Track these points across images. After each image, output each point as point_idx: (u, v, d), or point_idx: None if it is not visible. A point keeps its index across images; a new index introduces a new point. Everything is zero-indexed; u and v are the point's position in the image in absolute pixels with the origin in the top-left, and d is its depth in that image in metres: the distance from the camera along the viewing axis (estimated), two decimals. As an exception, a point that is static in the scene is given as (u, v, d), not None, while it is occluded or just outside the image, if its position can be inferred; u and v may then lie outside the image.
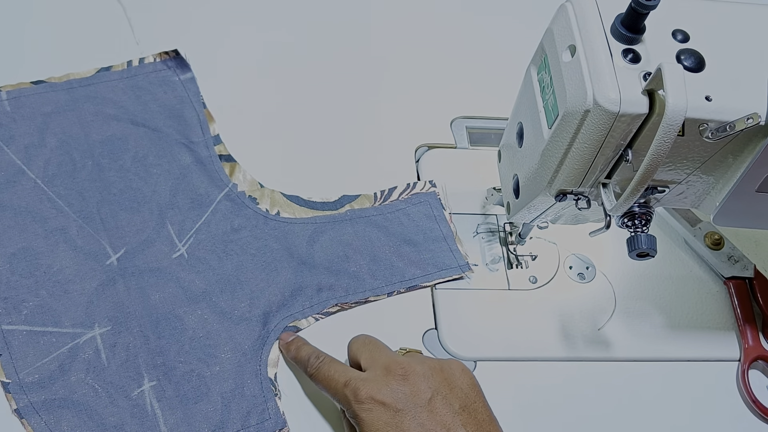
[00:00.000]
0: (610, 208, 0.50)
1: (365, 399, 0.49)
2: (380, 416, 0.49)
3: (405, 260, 0.63)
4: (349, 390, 0.50)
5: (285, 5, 0.79)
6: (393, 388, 0.50)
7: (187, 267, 0.60)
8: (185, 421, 0.54)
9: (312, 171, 0.68)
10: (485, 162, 0.69)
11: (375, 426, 0.49)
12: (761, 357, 0.64)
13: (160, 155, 0.65)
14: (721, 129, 0.45)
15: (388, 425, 0.49)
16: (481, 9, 0.83)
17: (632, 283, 0.67)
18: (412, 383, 0.50)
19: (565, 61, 0.48)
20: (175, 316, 0.58)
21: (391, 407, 0.49)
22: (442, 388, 0.50)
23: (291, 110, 0.72)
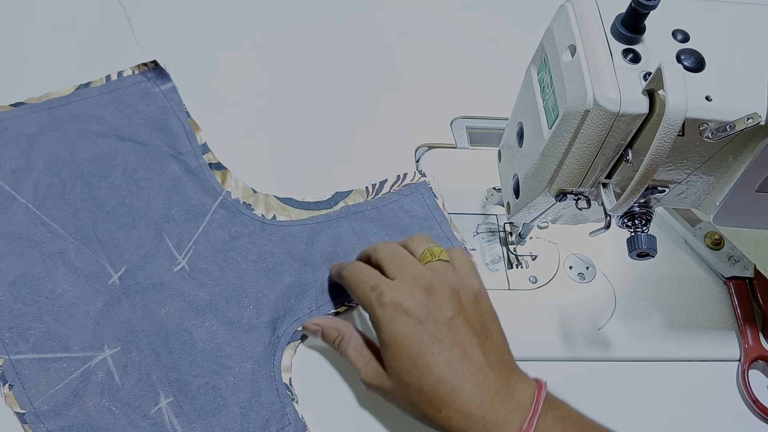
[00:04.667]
0: (610, 208, 0.50)
1: (389, 302, 0.51)
2: (400, 323, 0.50)
3: None
4: (375, 293, 0.52)
5: (285, 5, 0.79)
6: (417, 300, 0.51)
7: (190, 280, 0.60)
8: None
9: (312, 172, 0.68)
10: (485, 162, 0.69)
11: (394, 331, 0.50)
12: (761, 357, 0.64)
13: (149, 168, 0.64)
14: (721, 129, 0.45)
15: (406, 334, 0.50)
16: (481, 9, 0.83)
17: (632, 283, 0.67)
18: (436, 299, 0.51)
19: (565, 61, 0.48)
20: (184, 329, 0.58)
21: (413, 316, 0.50)
22: (463, 309, 0.52)
23: (291, 111, 0.72)
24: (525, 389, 0.51)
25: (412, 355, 0.50)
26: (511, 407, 0.49)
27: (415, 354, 0.50)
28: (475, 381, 0.49)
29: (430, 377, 0.49)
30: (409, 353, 0.50)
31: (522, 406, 0.49)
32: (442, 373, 0.49)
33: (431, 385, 0.49)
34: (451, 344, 0.50)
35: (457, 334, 0.51)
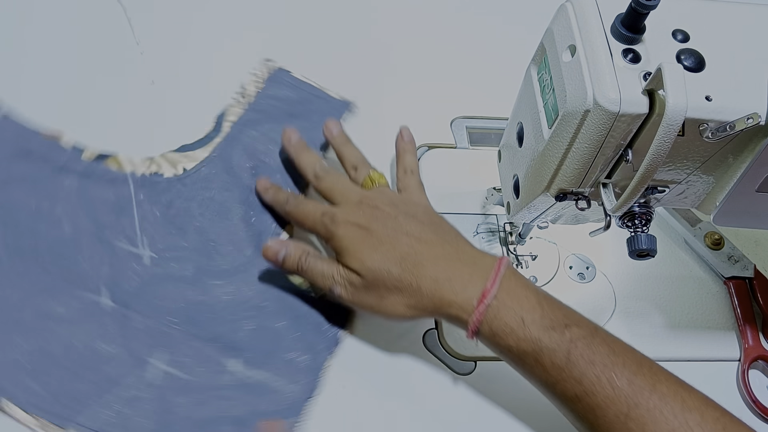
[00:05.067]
0: (610, 208, 0.50)
1: (341, 221, 0.56)
2: (354, 232, 0.56)
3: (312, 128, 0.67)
4: (327, 217, 0.57)
5: (285, 6, 0.79)
6: (365, 213, 0.57)
7: (165, 262, 0.61)
8: (286, 374, 0.57)
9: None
10: (485, 162, 0.69)
11: (349, 236, 0.56)
12: (761, 357, 0.64)
13: (49, 196, 0.61)
14: (721, 129, 0.45)
15: (362, 237, 0.55)
16: (481, 9, 0.83)
17: (632, 283, 0.67)
18: (382, 210, 0.57)
19: (565, 61, 0.48)
20: (196, 302, 0.59)
21: (363, 226, 0.56)
22: (410, 211, 0.57)
23: (291, 110, 0.72)
24: (486, 258, 0.55)
25: (371, 247, 0.55)
26: (474, 270, 0.54)
27: (375, 245, 0.55)
28: (435, 253, 0.55)
29: (393, 258, 0.54)
30: (369, 245, 0.55)
31: (485, 269, 0.54)
32: (403, 252, 0.54)
33: (396, 263, 0.54)
34: (403, 234, 0.55)
35: (407, 227, 0.56)
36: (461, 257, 0.55)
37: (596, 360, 0.51)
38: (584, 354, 0.51)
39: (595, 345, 0.51)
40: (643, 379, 0.50)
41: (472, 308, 0.53)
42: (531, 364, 0.52)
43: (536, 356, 0.52)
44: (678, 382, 0.51)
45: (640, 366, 0.51)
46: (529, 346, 0.52)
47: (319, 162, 0.62)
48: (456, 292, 0.53)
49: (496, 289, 0.52)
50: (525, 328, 0.52)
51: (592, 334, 0.52)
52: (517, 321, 0.52)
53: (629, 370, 0.51)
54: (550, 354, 0.51)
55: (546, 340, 0.51)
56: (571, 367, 0.51)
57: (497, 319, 0.52)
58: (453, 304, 0.53)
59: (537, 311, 0.52)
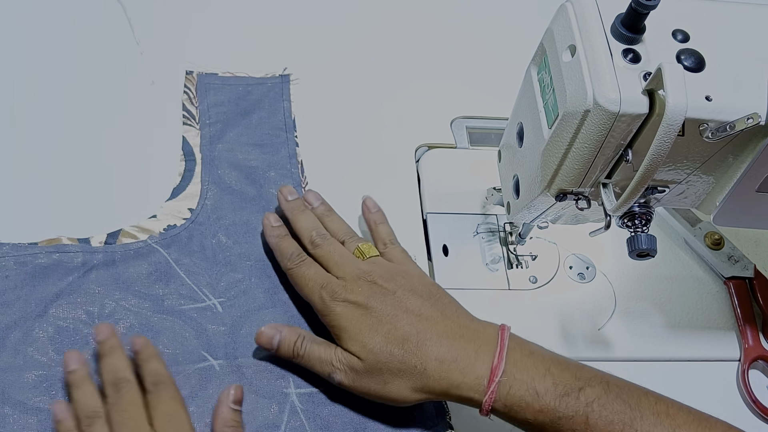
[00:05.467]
0: (610, 208, 0.50)
1: (340, 298, 0.55)
2: (353, 311, 0.54)
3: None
4: (326, 291, 0.55)
5: (285, 5, 0.79)
6: (363, 290, 0.55)
7: (234, 301, 0.60)
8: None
9: (312, 173, 0.68)
10: (485, 162, 0.69)
11: (347, 317, 0.54)
12: (761, 357, 0.64)
13: (90, 302, 0.58)
14: (721, 129, 0.45)
15: (359, 317, 0.54)
16: (481, 9, 0.83)
17: (632, 283, 0.67)
18: (380, 286, 0.55)
19: (565, 61, 0.48)
20: (285, 320, 0.60)
21: (362, 305, 0.54)
22: (407, 285, 0.56)
23: (291, 109, 0.72)
24: (488, 330, 0.54)
25: (371, 328, 0.53)
26: (479, 345, 0.53)
27: (375, 326, 0.53)
28: (437, 331, 0.53)
29: (395, 339, 0.53)
30: (369, 326, 0.53)
31: (489, 343, 0.53)
32: (405, 332, 0.53)
33: (399, 345, 0.52)
34: (404, 311, 0.54)
35: (407, 303, 0.54)
36: (464, 333, 0.53)
37: (615, 419, 0.50)
38: (602, 415, 0.50)
39: (610, 403, 0.50)
40: (663, 429, 0.50)
41: (483, 388, 0.51)
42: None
43: (555, 426, 0.50)
44: (698, 420, 0.51)
45: (657, 415, 0.51)
46: (547, 416, 0.50)
47: (317, 227, 0.60)
48: (464, 373, 0.51)
49: (504, 365, 0.51)
50: (539, 399, 0.50)
51: (605, 391, 0.51)
52: (531, 394, 0.51)
53: (648, 422, 0.50)
54: (569, 421, 0.50)
55: (563, 409, 0.50)
56: (592, 430, 0.50)
57: (510, 395, 0.51)
58: (462, 386, 0.51)
59: (548, 379, 0.51)
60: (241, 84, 0.71)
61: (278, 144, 0.69)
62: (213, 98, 0.70)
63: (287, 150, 0.69)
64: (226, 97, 0.70)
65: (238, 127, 0.69)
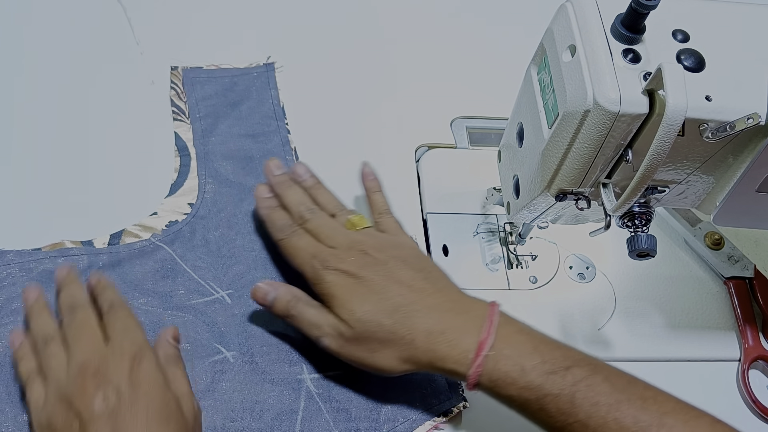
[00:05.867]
0: (610, 208, 0.50)
1: (332, 267, 0.55)
2: (344, 280, 0.54)
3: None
4: (317, 260, 0.55)
5: (285, 6, 0.79)
6: (355, 260, 0.55)
7: (242, 292, 0.61)
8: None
9: (312, 171, 0.68)
10: (485, 162, 0.69)
11: (339, 285, 0.54)
12: (761, 357, 0.64)
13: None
14: (721, 129, 0.45)
15: (351, 286, 0.54)
16: (481, 9, 0.83)
17: (632, 283, 0.67)
18: (371, 256, 0.55)
19: (565, 61, 0.48)
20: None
21: (353, 274, 0.54)
22: (398, 256, 0.56)
23: (292, 111, 0.72)
24: (478, 305, 0.54)
25: (362, 297, 0.53)
26: (468, 319, 0.53)
27: (366, 295, 0.54)
28: (427, 303, 0.53)
29: (385, 309, 0.53)
30: (360, 294, 0.54)
31: (478, 318, 0.53)
32: (395, 303, 0.53)
33: (388, 314, 0.53)
34: (395, 282, 0.54)
35: (398, 274, 0.54)
36: (454, 306, 0.54)
37: (600, 401, 0.49)
38: (588, 396, 0.50)
39: (597, 385, 0.50)
40: (649, 415, 0.49)
41: (470, 361, 0.51)
42: (535, 411, 0.51)
43: (540, 403, 0.50)
44: (685, 410, 0.50)
45: (644, 400, 0.50)
46: (532, 393, 0.50)
47: (306, 201, 0.60)
48: (451, 346, 0.52)
49: (492, 340, 0.51)
50: (526, 375, 0.50)
51: (593, 372, 0.51)
52: (517, 369, 0.51)
53: (634, 407, 0.49)
54: (554, 399, 0.50)
55: (548, 386, 0.50)
56: (577, 410, 0.49)
57: (496, 370, 0.51)
58: (448, 359, 0.52)
59: (536, 357, 0.51)
60: (227, 75, 0.72)
61: (270, 132, 0.69)
62: (201, 92, 0.71)
63: (279, 138, 0.69)
64: (213, 90, 0.71)
65: (228, 119, 0.69)
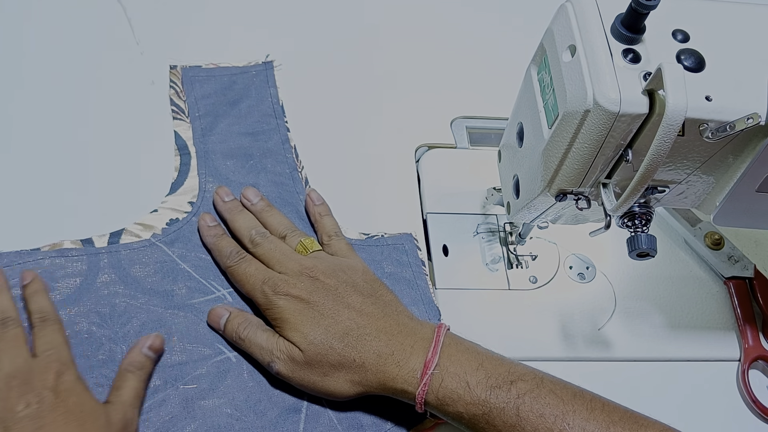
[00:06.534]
0: (610, 208, 0.50)
1: (282, 292, 0.55)
2: (295, 305, 0.55)
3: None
4: (268, 286, 0.56)
5: (285, 6, 0.79)
6: (305, 285, 0.56)
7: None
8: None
9: (312, 173, 0.68)
10: (485, 162, 0.69)
11: (290, 310, 0.55)
12: (761, 357, 0.64)
13: (99, 302, 0.58)
14: (721, 129, 0.45)
15: (301, 311, 0.55)
16: (481, 9, 0.83)
17: (632, 283, 0.67)
18: (321, 281, 0.56)
19: (565, 61, 0.48)
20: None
21: (304, 299, 0.55)
22: (349, 281, 0.57)
23: (291, 111, 0.72)
24: (425, 328, 0.55)
25: (313, 321, 0.54)
26: (416, 340, 0.54)
27: (317, 319, 0.54)
28: (377, 327, 0.54)
29: (336, 333, 0.54)
30: (311, 319, 0.54)
31: (425, 339, 0.54)
32: (346, 327, 0.54)
33: (339, 338, 0.53)
34: (345, 307, 0.55)
35: (348, 299, 0.55)
36: (402, 329, 0.54)
37: (546, 412, 0.50)
38: (533, 408, 0.50)
39: (542, 396, 0.50)
40: (596, 424, 0.50)
41: (417, 380, 0.52)
42: (483, 427, 0.51)
43: (487, 418, 0.51)
44: (633, 418, 0.51)
45: (591, 410, 0.50)
46: (478, 408, 0.51)
47: (256, 226, 0.61)
48: (400, 366, 0.53)
49: (437, 358, 0.52)
50: (471, 391, 0.51)
51: (538, 385, 0.51)
52: (463, 386, 0.51)
53: (581, 417, 0.50)
54: (500, 413, 0.50)
55: (493, 400, 0.51)
56: (523, 423, 0.50)
57: (442, 387, 0.51)
58: (397, 378, 0.52)
59: (480, 373, 0.52)
60: (226, 74, 0.72)
61: (269, 131, 0.69)
62: (200, 90, 0.71)
63: (279, 136, 0.69)
64: (212, 88, 0.71)
65: (228, 118, 0.69)
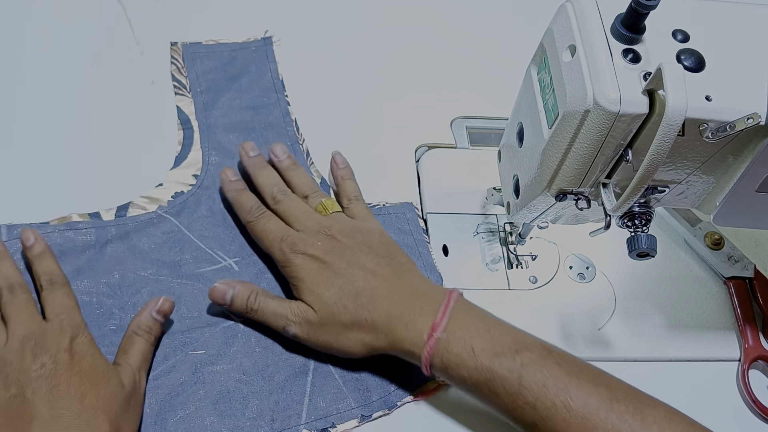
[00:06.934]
0: (610, 208, 0.50)
1: (299, 251, 0.56)
2: (311, 264, 0.56)
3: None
4: (286, 243, 0.57)
5: (285, 6, 0.79)
6: (322, 245, 0.56)
7: (248, 259, 0.62)
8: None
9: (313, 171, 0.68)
10: (485, 162, 0.69)
11: (306, 268, 0.56)
12: (761, 357, 0.64)
13: (109, 272, 0.59)
14: (721, 129, 0.45)
15: (317, 270, 0.55)
16: (481, 9, 0.83)
17: (632, 283, 0.67)
18: (338, 241, 0.57)
19: (565, 61, 0.48)
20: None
21: (320, 258, 0.56)
22: (365, 241, 0.57)
23: (292, 111, 0.72)
24: (437, 291, 0.55)
25: (328, 281, 0.55)
26: (426, 303, 0.54)
27: (332, 279, 0.55)
28: (389, 288, 0.55)
29: (349, 293, 0.54)
30: (326, 279, 0.55)
31: (436, 302, 0.54)
32: (359, 287, 0.55)
33: (352, 298, 0.54)
34: (359, 268, 0.55)
35: (363, 260, 0.56)
36: (414, 291, 0.55)
37: (549, 383, 0.49)
38: (537, 378, 0.50)
39: (547, 368, 0.50)
40: (599, 399, 0.49)
41: (423, 342, 0.52)
42: (486, 393, 0.51)
43: (489, 384, 0.51)
44: (638, 397, 0.50)
45: (596, 385, 0.50)
46: (482, 375, 0.51)
47: (278, 183, 0.62)
48: (408, 327, 0.53)
49: (445, 322, 0.52)
50: (475, 357, 0.51)
51: (544, 356, 0.51)
52: (467, 351, 0.51)
53: (584, 391, 0.49)
54: (503, 381, 0.50)
55: (497, 368, 0.50)
56: (525, 392, 0.50)
57: (448, 352, 0.52)
58: (405, 340, 0.53)
59: (486, 339, 0.51)
60: (226, 50, 0.73)
61: (270, 105, 0.70)
62: (200, 66, 0.72)
63: (280, 110, 0.70)
64: (213, 64, 0.72)
65: (229, 92, 0.70)
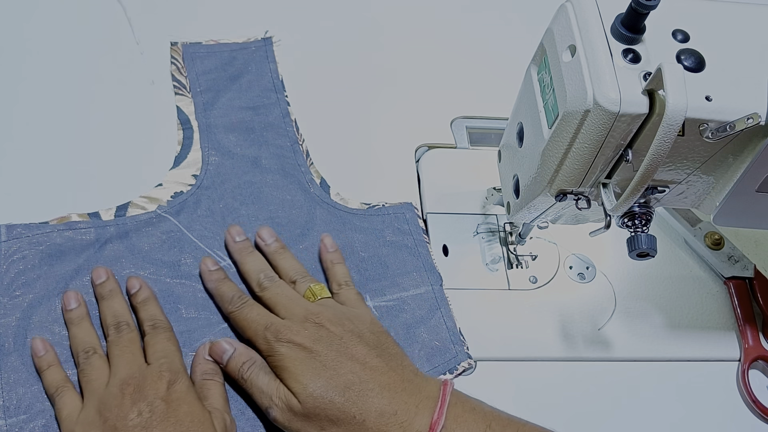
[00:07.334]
0: (610, 208, 0.50)
1: (285, 339, 0.53)
2: (297, 353, 0.53)
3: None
4: (270, 332, 0.54)
5: (285, 6, 0.79)
6: (309, 332, 0.53)
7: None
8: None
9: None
10: (485, 162, 0.69)
11: (291, 359, 0.52)
12: (761, 357, 0.64)
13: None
14: (721, 129, 0.45)
15: (303, 360, 0.52)
16: (481, 9, 0.83)
17: (632, 283, 0.67)
18: (327, 329, 0.54)
19: (565, 61, 0.48)
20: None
21: (307, 348, 0.53)
22: (355, 330, 0.54)
23: (292, 111, 0.72)
24: (430, 385, 0.53)
25: (314, 372, 0.52)
26: (420, 399, 0.52)
27: (319, 370, 0.52)
28: (380, 382, 0.52)
29: (337, 386, 0.51)
30: (313, 369, 0.52)
31: (430, 398, 0.52)
32: (348, 380, 0.51)
33: (340, 392, 0.51)
34: (349, 358, 0.52)
35: (353, 350, 0.53)
36: (407, 386, 0.52)
37: None
38: None
39: None
40: None
41: None
42: None
43: None
44: None
45: None
46: None
47: (265, 269, 0.59)
48: (404, 427, 0.50)
49: (443, 420, 0.50)
50: None
51: None
52: None
53: None
54: None
55: None
56: None
57: None
58: None
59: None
60: (226, 50, 0.73)
61: (270, 105, 0.70)
62: (200, 66, 0.72)
63: (279, 110, 0.70)
64: (212, 64, 0.72)
65: (229, 92, 0.70)
